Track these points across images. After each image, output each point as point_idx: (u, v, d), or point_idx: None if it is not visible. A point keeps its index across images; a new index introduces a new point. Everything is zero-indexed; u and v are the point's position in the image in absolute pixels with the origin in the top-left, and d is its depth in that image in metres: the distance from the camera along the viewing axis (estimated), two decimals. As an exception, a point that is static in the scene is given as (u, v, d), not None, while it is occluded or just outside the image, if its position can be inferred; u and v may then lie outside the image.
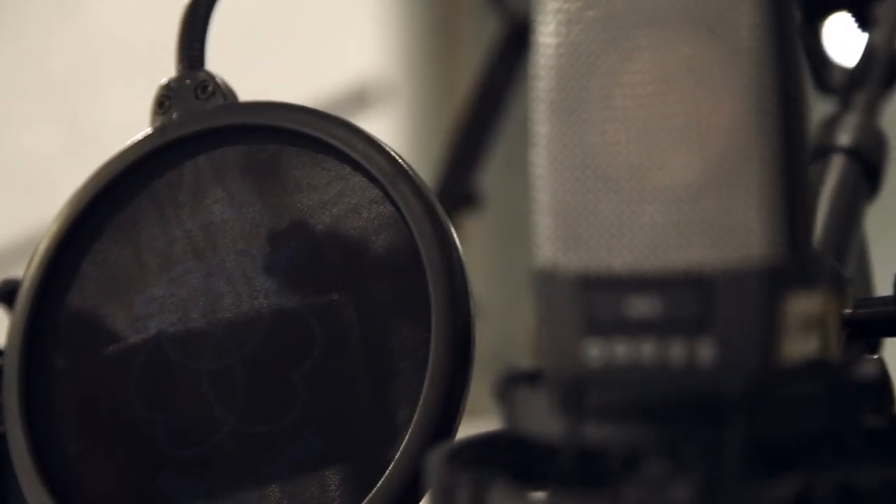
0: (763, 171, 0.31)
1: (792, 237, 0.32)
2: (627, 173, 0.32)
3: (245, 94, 0.59)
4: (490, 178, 0.96)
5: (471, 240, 1.06)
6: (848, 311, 0.48)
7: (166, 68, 0.51)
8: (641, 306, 0.32)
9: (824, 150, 0.58)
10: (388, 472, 0.42)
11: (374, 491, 0.42)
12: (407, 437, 0.42)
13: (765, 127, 0.31)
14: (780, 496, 0.29)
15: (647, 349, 0.32)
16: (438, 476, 0.32)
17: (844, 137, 0.59)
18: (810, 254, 0.33)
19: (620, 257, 0.32)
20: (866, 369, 0.33)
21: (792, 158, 0.32)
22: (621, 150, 0.32)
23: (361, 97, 2.17)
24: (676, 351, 0.31)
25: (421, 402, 0.42)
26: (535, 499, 0.30)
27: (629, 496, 0.31)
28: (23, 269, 0.50)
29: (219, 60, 0.58)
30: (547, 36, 0.33)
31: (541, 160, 0.33)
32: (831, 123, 0.61)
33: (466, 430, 0.39)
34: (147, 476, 0.46)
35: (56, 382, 0.48)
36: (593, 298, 0.32)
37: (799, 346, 0.32)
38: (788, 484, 0.29)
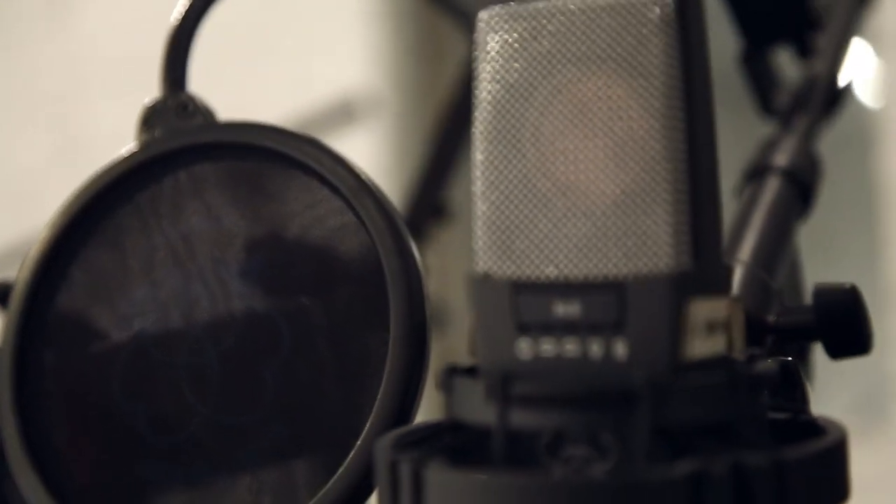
0: (671, 193, 0.35)
1: (697, 250, 0.36)
2: (556, 193, 0.37)
3: (234, 107, 0.63)
4: (466, 190, 1.00)
5: (449, 248, 1.10)
6: (773, 318, 0.52)
7: (152, 82, 0.55)
8: (565, 310, 0.36)
9: (762, 170, 0.63)
10: (348, 459, 0.46)
11: (335, 476, 0.46)
12: (366, 427, 0.46)
13: (674, 153, 0.36)
14: (681, 474, 0.33)
15: (569, 347, 0.36)
16: (385, 456, 0.36)
17: (782, 159, 0.63)
18: (716, 265, 0.38)
19: (548, 267, 0.36)
20: (764, 367, 0.38)
21: (699, 181, 0.37)
22: (551, 173, 0.37)
23: (347, 111, 2.21)
24: (595, 348, 0.36)
25: (380, 396, 0.47)
26: (466, 475, 0.35)
27: (554, 475, 0.35)
28: (14, 273, 0.54)
29: (209, 75, 0.63)
30: (487, 72, 0.38)
31: (479, 181, 0.37)
32: (771, 145, 0.65)
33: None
34: (130, 463, 0.50)
35: (46, 377, 0.52)
36: (523, 303, 0.36)
37: (703, 345, 0.36)
38: (689, 464, 0.33)
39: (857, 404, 2.10)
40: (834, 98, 0.70)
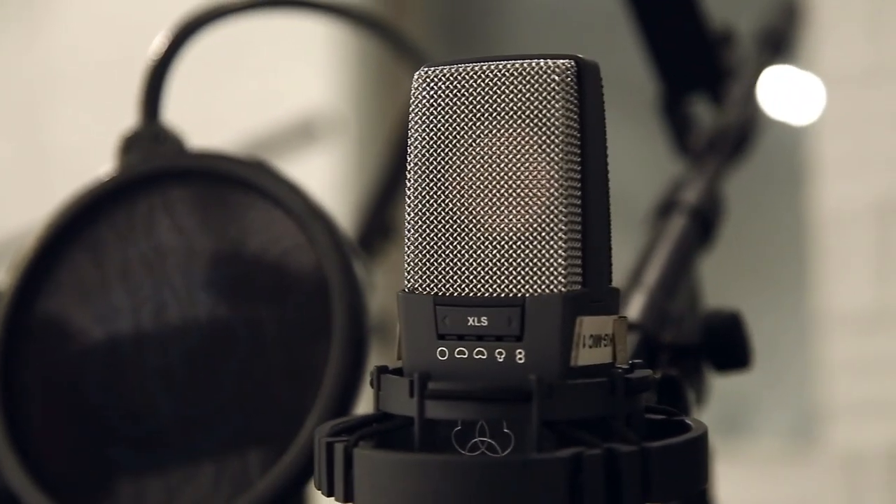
0: (565, 229, 0.43)
1: (587, 276, 0.44)
2: (472, 225, 0.44)
3: (198, 125, 0.69)
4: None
5: (397, 265, 1.18)
6: (668, 338, 0.60)
7: (118, 92, 0.62)
8: (476, 322, 0.43)
9: (671, 206, 0.71)
10: (292, 446, 0.53)
11: (282, 460, 0.53)
12: (309, 420, 0.53)
13: (569, 197, 0.43)
14: (563, 457, 0.40)
15: (479, 353, 0.43)
16: (322, 441, 0.44)
17: (690, 197, 0.71)
18: (603, 288, 0.45)
19: (463, 286, 0.44)
20: (641, 375, 0.45)
21: (591, 219, 0.44)
22: (468, 209, 0.44)
23: (309, 131, 2.28)
24: (499, 355, 0.43)
25: (322, 395, 0.54)
26: (388, 455, 0.42)
27: (461, 457, 0.43)
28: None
29: (174, 93, 0.69)
30: (418, 122, 0.45)
31: (409, 213, 0.45)
32: (681, 183, 0.73)
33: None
34: (102, 450, 0.57)
35: (29, 371, 0.59)
36: (442, 315, 0.44)
37: (590, 355, 0.44)
38: (569, 451, 0.41)
39: (791, 428, 2.19)
40: (743, 144, 0.79)
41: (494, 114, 0.44)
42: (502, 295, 0.43)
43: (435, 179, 0.45)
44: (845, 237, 1.94)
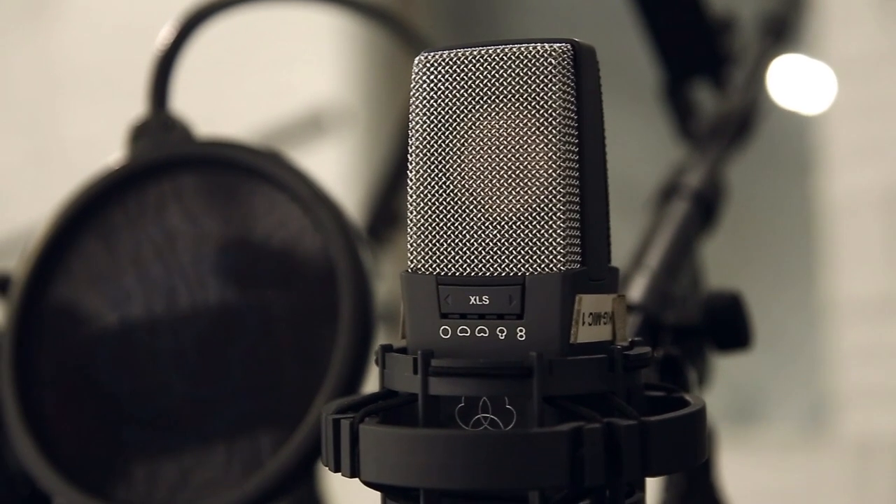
0: (563, 209, 0.44)
1: (585, 255, 0.44)
2: (473, 207, 0.45)
3: (210, 117, 0.70)
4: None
5: (406, 252, 1.18)
6: (671, 318, 0.61)
7: (124, 89, 0.63)
8: (478, 301, 0.44)
9: (674, 190, 0.71)
10: (301, 427, 0.54)
11: (291, 441, 0.54)
12: (317, 401, 0.55)
13: (566, 177, 0.44)
14: (563, 432, 0.41)
15: (480, 331, 0.44)
16: (328, 419, 0.45)
17: (692, 181, 0.72)
18: (602, 267, 0.46)
19: (465, 266, 0.45)
20: (639, 352, 0.46)
21: (589, 198, 0.45)
22: (469, 191, 0.45)
23: (318, 123, 2.29)
24: (500, 332, 0.44)
25: (329, 375, 0.55)
26: (393, 430, 0.43)
27: (464, 432, 0.43)
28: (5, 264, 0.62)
29: (187, 86, 0.70)
30: (419, 107, 0.46)
31: (412, 195, 0.46)
32: (684, 167, 0.74)
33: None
34: (115, 432, 0.58)
35: (43, 356, 0.60)
36: (445, 295, 0.45)
37: (590, 332, 0.45)
38: (570, 425, 0.42)
39: (802, 415, 2.19)
40: (745, 129, 0.79)
41: (493, 97, 0.45)
42: (503, 274, 0.44)
43: (435, 162, 0.46)
44: (855, 225, 1.94)
